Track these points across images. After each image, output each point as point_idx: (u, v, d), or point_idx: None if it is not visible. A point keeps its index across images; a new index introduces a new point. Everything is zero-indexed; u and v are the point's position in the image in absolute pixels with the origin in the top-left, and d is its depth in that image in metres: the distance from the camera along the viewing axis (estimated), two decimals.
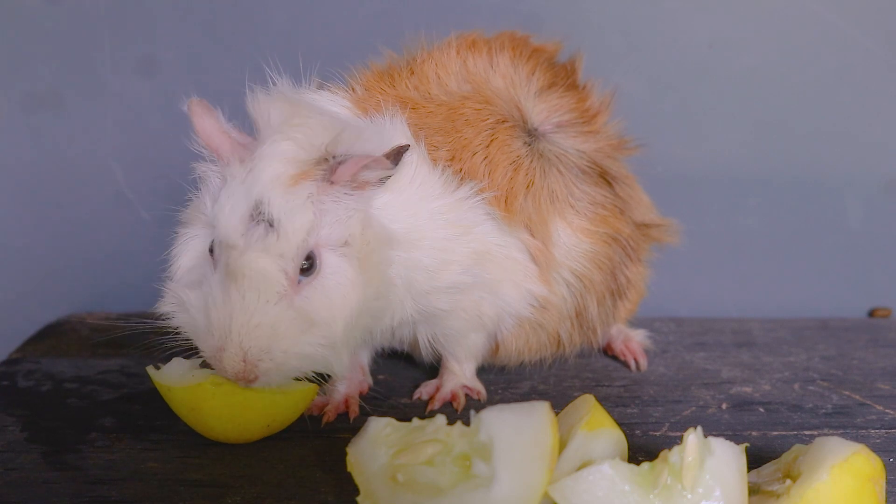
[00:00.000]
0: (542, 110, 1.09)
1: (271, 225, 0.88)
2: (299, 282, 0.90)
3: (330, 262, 0.91)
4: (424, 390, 1.12)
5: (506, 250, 1.03)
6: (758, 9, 1.44)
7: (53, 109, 1.47)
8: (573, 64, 1.18)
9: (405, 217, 0.96)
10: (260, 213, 0.89)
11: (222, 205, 0.90)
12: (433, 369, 1.17)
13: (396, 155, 0.92)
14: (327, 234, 0.91)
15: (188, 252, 0.96)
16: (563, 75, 1.15)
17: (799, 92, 1.46)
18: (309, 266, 0.90)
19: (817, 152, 1.48)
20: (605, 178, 1.11)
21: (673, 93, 1.47)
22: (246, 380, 0.91)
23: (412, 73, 1.07)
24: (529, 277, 1.05)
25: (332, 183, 0.91)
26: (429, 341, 1.08)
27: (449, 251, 0.98)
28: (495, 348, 1.12)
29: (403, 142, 0.94)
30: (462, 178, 1.01)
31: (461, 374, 1.11)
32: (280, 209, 0.88)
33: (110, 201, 1.49)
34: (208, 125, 0.94)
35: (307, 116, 0.93)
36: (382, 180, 0.94)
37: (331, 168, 0.90)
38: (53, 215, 1.51)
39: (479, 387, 1.12)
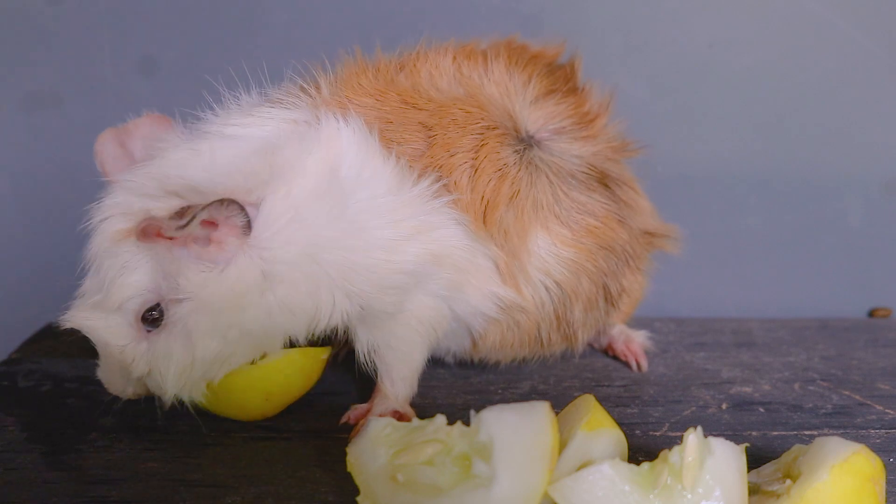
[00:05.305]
0: (538, 118, 1.06)
1: (103, 282, 0.93)
2: (149, 331, 0.93)
3: (174, 314, 0.92)
4: (353, 414, 1.05)
5: (469, 254, 0.99)
6: (758, 9, 1.44)
7: (53, 109, 1.47)
8: (573, 66, 1.15)
9: (307, 231, 0.91)
10: (96, 270, 0.94)
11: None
12: (428, 370, 1.17)
13: (179, 216, 0.88)
14: (169, 287, 0.91)
15: None
16: (563, 79, 1.13)
17: (799, 92, 1.46)
18: (157, 317, 0.93)
19: (817, 152, 1.48)
20: (603, 182, 1.08)
21: (673, 93, 1.47)
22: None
23: (401, 68, 1.04)
24: (494, 282, 1.02)
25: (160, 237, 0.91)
26: (367, 351, 1.02)
27: (397, 251, 0.94)
28: (472, 343, 1.09)
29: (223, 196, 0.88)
30: (427, 174, 0.97)
31: (393, 399, 1.04)
32: (107, 267, 0.93)
33: None
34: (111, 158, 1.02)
35: (155, 160, 0.94)
36: (252, 208, 0.90)
37: (146, 227, 0.89)
38: (53, 215, 1.50)
39: (410, 413, 1.05)
